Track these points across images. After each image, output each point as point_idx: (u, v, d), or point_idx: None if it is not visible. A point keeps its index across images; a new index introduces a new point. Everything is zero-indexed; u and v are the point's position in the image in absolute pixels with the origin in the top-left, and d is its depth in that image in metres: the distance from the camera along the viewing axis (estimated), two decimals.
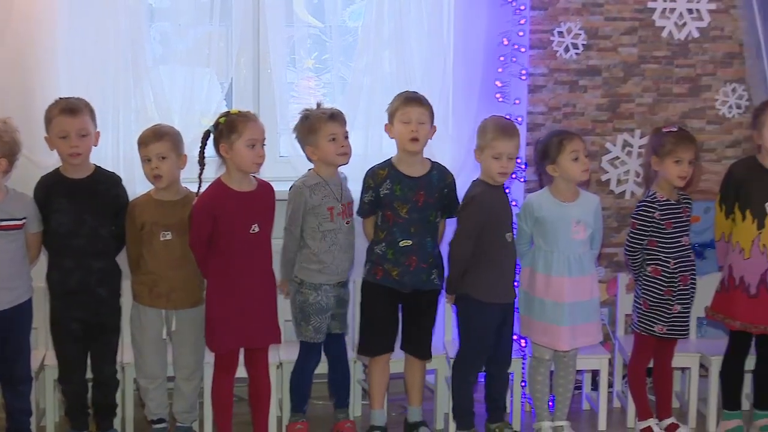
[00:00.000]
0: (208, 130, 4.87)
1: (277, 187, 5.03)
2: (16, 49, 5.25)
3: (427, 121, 5.04)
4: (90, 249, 4.90)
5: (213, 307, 4.88)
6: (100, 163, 5.05)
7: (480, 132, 5.10)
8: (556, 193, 5.14)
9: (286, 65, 5.64)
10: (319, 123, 5.01)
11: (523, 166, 5.63)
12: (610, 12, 5.90)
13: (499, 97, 5.62)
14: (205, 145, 4.88)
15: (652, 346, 5.31)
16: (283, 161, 5.64)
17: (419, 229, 5.06)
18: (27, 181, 5.00)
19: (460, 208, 5.11)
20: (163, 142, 4.88)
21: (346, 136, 5.09)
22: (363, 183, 5.10)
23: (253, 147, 4.78)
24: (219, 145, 4.82)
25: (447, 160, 5.52)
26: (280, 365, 5.27)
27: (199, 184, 4.89)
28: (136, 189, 5.17)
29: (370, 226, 5.16)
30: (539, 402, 5.27)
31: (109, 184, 4.99)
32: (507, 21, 5.62)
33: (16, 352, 4.89)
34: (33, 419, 5.02)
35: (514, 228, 5.20)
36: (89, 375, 5.05)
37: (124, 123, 5.40)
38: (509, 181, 5.41)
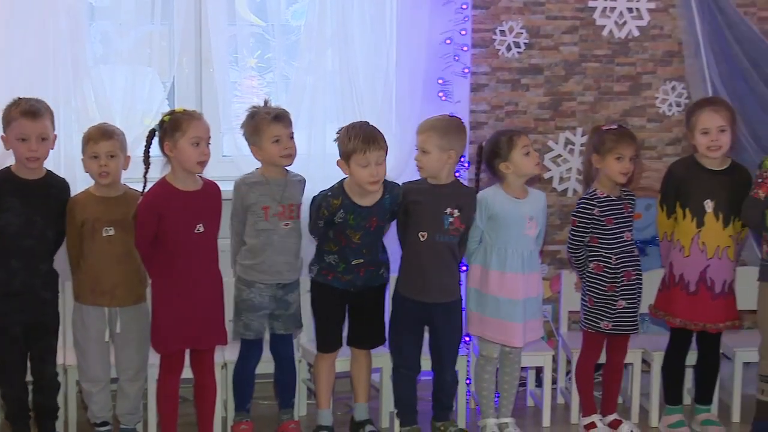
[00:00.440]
0: (154, 128, 4.84)
1: (221, 187, 5.00)
2: None
3: (384, 161, 4.98)
4: (38, 251, 4.86)
5: (158, 307, 4.85)
6: None
7: (419, 129, 5.11)
8: (508, 190, 5.16)
9: (228, 64, 5.61)
10: (262, 124, 4.98)
11: (466, 165, 5.65)
12: (552, 11, 5.94)
13: (441, 96, 5.64)
14: (150, 144, 4.85)
15: (601, 342, 5.35)
16: (226, 161, 5.61)
17: (371, 249, 5.08)
18: None
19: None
20: (114, 140, 4.86)
21: (291, 137, 5.06)
22: (315, 208, 5.02)
23: (197, 145, 4.75)
24: (163, 144, 4.79)
25: (390, 159, 5.50)
26: (225, 365, 5.24)
27: (144, 184, 4.86)
28: (77, 188, 5.11)
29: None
30: (485, 400, 5.29)
31: (60, 189, 4.95)
32: (449, 20, 5.64)
33: None
34: None
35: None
36: (29, 378, 4.98)
37: (65, 123, 5.32)
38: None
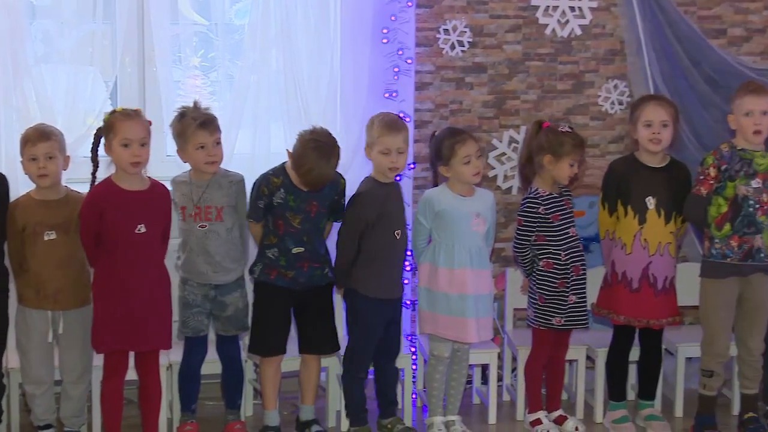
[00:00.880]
0: (100, 128, 4.82)
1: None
2: None
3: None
4: None
5: (97, 305, 4.82)
6: None
7: (368, 128, 5.12)
8: (453, 188, 5.18)
9: (171, 63, 5.58)
10: (188, 130, 4.96)
11: (411, 165, 5.66)
12: (495, 10, 5.97)
13: (386, 95, 5.64)
14: (98, 143, 4.83)
15: (551, 339, 5.37)
16: (169, 160, 5.57)
17: (311, 237, 5.06)
18: None
19: (347, 202, 5.12)
20: (51, 141, 4.83)
21: (218, 143, 5.04)
22: (256, 188, 5.04)
23: (126, 147, 4.73)
24: (104, 145, 4.79)
25: None
26: (170, 367, 5.21)
27: (92, 183, 4.85)
28: (18, 188, 5.06)
29: (258, 229, 5.11)
30: (434, 399, 5.29)
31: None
32: (393, 19, 5.64)
33: None
34: None
35: (408, 226, 5.23)
36: None
37: (6, 122, 5.29)
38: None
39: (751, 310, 5.27)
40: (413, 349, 5.56)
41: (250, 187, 5.12)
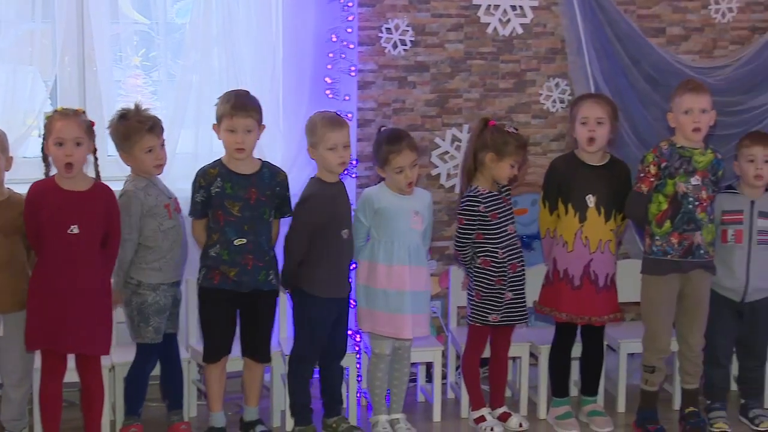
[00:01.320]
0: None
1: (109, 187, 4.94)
2: None
3: (254, 127, 5.02)
4: None
5: (30, 303, 4.77)
6: None
7: (309, 129, 5.10)
8: (392, 187, 5.19)
9: (112, 63, 5.54)
10: (136, 135, 4.93)
11: (354, 162, 5.66)
12: (437, 9, 5.98)
13: (329, 94, 5.64)
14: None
15: (486, 336, 5.41)
16: (111, 160, 5.52)
17: (253, 227, 5.02)
18: None
19: (296, 204, 5.10)
20: None
21: (163, 145, 5.03)
22: (194, 182, 5.03)
23: (61, 146, 4.69)
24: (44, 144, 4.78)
25: (278, 158, 5.52)
26: (113, 368, 5.17)
27: None
28: None
29: (201, 229, 5.08)
30: (377, 397, 5.30)
31: None
32: (335, 17, 5.64)
33: None
34: None
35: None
36: None
37: None
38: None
39: (692, 306, 5.33)
40: (357, 348, 5.56)
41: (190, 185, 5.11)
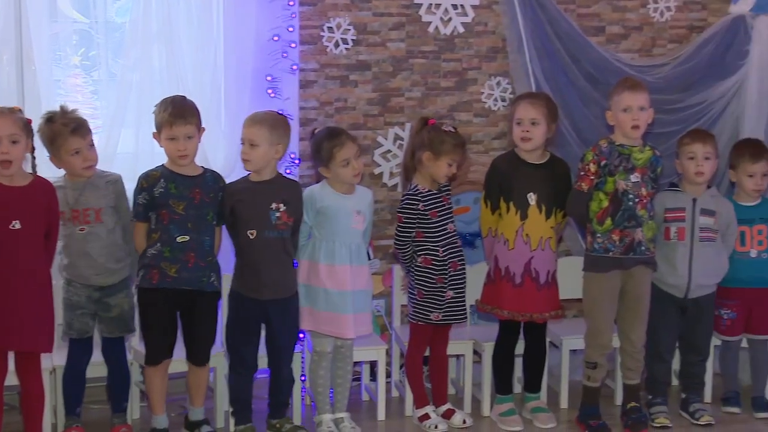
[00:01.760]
0: None
1: None
2: None
3: (195, 133, 5.01)
4: None
5: None
6: None
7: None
8: (334, 186, 5.19)
9: (51, 62, 5.48)
10: (61, 138, 4.91)
11: (296, 161, 5.65)
12: (378, 7, 5.99)
13: (270, 93, 5.63)
14: None
15: (428, 334, 5.43)
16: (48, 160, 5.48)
17: (196, 226, 5.01)
18: None
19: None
20: None
21: (91, 145, 4.99)
22: (137, 185, 5.01)
23: None
24: None
25: (220, 158, 5.50)
26: (54, 370, 5.12)
27: None
28: None
29: (143, 232, 5.04)
30: (320, 396, 5.30)
31: None
32: (277, 16, 5.63)
33: None
34: None
35: None
36: None
37: None
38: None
39: (633, 302, 5.38)
40: (301, 347, 5.55)
41: (132, 186, 5.06)
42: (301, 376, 5.50)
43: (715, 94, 6.19)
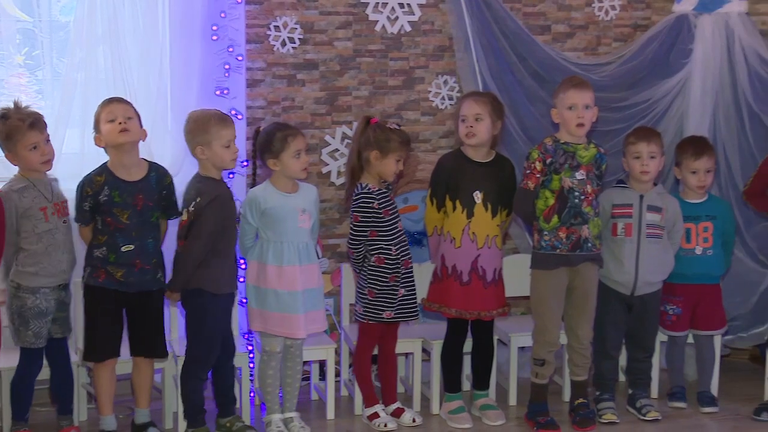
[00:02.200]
0: None
1: None
2: None
3: (134, 115, 5.01)
4: None
5: None
6: None
7: (199, 126, 5.04)
8: (278, 185, 5.18)
9: None
10: (18, 133, 4.86)
11: (244, 162, 5.63)
12: (325, 6, 5.99)
13: (217, 92, 5.60)
14: None
15: (377, 333, 5.43)
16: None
17: (141, 233, 5.00)
18: None
19: (202, 207, 5.01)
20: None
21: (48, 141, 4.96)
22: (79, 191, 4.97)
23: None
24: None
25: (167, 157, 5.47)
26: None
27: None
28: None
29: (88, 232, 5.03)
30: (270, 396, 5.28)
31: None
32: (223, 16, 5.59)
33: None
34: None
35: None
36: None
37: None
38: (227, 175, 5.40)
39: (580, 298, 5.41)
40: (250, 348, 5.54)
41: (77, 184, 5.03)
42: (250, 376, 5.49)
43: (659, 92, 6.24)
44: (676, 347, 5.81)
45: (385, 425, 5.37)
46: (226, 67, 5.62)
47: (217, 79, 5.60)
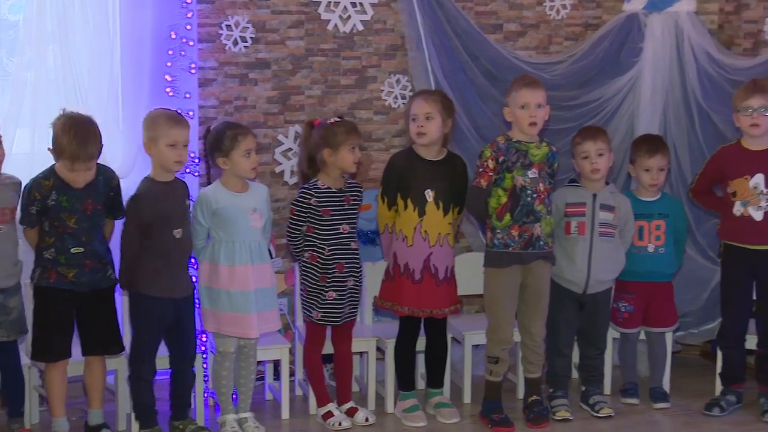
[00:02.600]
0: None
1: None
2: None
3: None
4: None
5: None
6: None
7: (150, 123, 5.02)
8: (228, 185, 5.17)
9: None
10: None
11: (196, 160, 5.61)
12: (277, 5, 5.98)
13: (169, 92, 5.57)
14: None
15: (325, 332, 5.43)
16: None
17: (90, 236, 4.97)
18: None
19: (126, 204, 5.03)
20: None
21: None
22: (27, 193, 4.93)
23: None
24: None
25: (119, 157, 5.43)
26: None
27: None
28: None
29: (35, 236, 4.99)
30: (224, 396, 5.27)
31: None
32: (174, 14, 5.57)
33: None
34: None
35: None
36: None
37: None
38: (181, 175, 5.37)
39: (533, 296, 5.44)
40: (204, 348, 5.52)
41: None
42: (204, 376, 5.46)
43: (610, 90, 6.28)
44: (628, 344, 5.85)
45: (340, 424, 5.36)
46: (178, 66, 5.59)
47: (168, 79, 5.56)
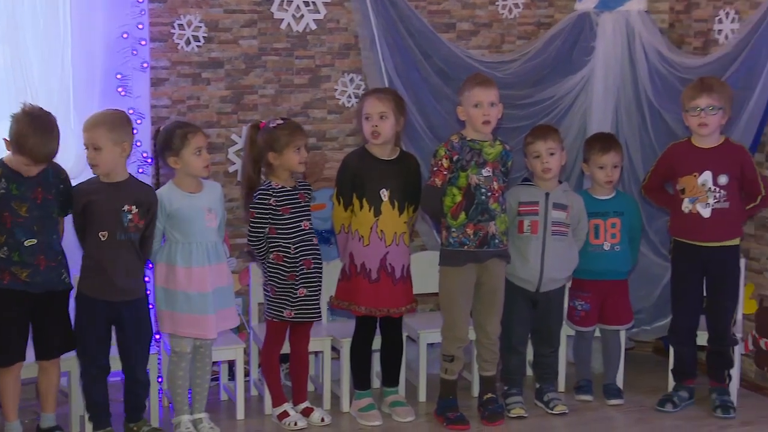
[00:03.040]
0: None
1: None
2: None
3: None
4: None
5: None
6: None
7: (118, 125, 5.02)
8: (182, 185, 5.15)
9: None
10: None
11: (149, 161, 5.58)
12: (229, 4, 5.96)
13: (121, 91, 5.54)
14: None
15: (284, 331, 5.42)
16: None
17: (42, 226, 4.92)
18: None
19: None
20: None
21: None
22: None
23: None
24: None
25: (71, 157, 5.39)
26: None
27: None
28: None
29: None
30: (179, 397, 5.25)
31: None
32: (126, 14, 5.54)
33: None
34: None
35: None
36: None
37: None
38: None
39: (488, 294, 5.46)
40: (158, 349, 5.49)
41: None
42: (158, 377, 5.43)
43: (563, 89, 6.31)
44: (583, 341, 5.89)
45: (295, 424, 5.36)
46: (130, 65, 5.55)
47: (120, 78, 5.53)
